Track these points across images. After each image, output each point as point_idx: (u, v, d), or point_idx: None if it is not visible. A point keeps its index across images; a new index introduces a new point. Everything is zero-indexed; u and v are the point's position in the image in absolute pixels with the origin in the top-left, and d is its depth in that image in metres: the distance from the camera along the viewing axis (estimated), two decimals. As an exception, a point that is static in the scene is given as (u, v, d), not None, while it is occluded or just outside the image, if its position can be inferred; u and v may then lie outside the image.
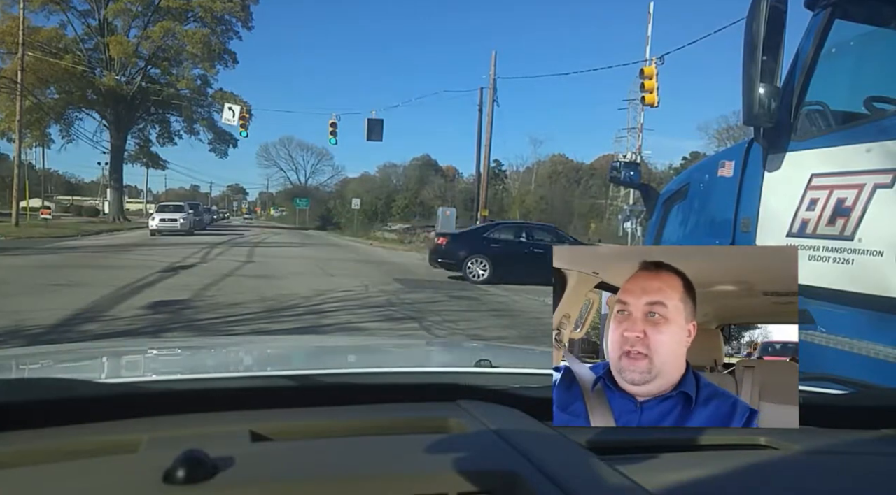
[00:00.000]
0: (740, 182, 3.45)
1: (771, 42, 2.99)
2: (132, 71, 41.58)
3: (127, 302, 8.16)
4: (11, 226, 25.34)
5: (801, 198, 3.01)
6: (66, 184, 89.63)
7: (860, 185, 2.73)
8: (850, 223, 2.74)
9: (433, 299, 9.09)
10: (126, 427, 0.85)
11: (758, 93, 3.02)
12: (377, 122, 25.03)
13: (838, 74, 3.25)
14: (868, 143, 2.75)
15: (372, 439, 0.87)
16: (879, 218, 2.63)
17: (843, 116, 3.15)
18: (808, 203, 2.97)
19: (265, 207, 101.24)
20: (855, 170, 2.77)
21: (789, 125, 3.18)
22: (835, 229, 2.80)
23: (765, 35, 2.99)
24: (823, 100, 3.15)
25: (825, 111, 3.15)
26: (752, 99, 3.04)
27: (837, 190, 2.83)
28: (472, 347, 3.00)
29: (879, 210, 2.63)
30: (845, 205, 2.77)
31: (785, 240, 3.09)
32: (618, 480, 0.72)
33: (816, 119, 3.17)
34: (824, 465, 0.93)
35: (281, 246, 25.06)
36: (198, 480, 0.68)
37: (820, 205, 2.90)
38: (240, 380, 1.23)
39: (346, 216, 46.91)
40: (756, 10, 3.01)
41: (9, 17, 33.35)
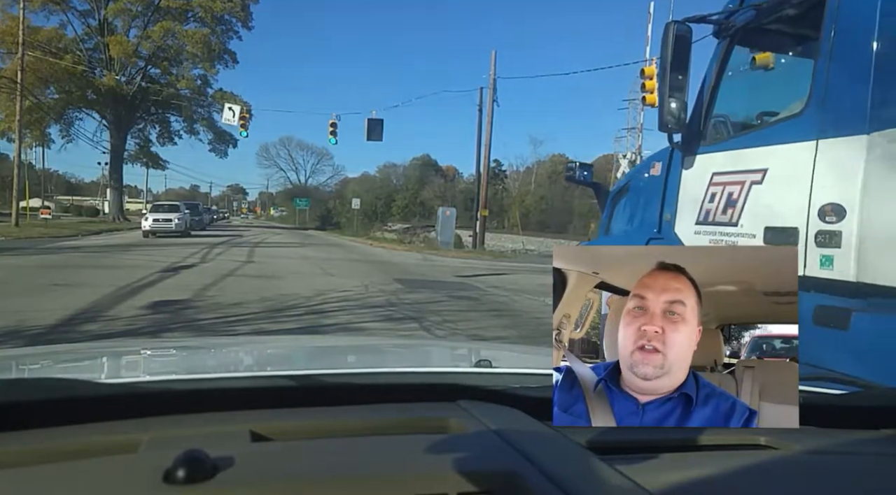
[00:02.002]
0: (665, 180, 4.08)
1: (677, 64, 3.61)
2: (132, 71, 41.58)
3: (127, 302, 8.16)
4: (11, 226, 25.34)
5: (705, 192, 3.67)
6: (66, 184, 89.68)
7: (742, 182, 3.41)
8: (735, 212, 3.43)
9: (433, 299, 9.08)
10: (126, 427, 0.85)
11: (668, 105, 3.63)
12: (377, 121, 25.05)
13: (737, 91, 3.91)
14: (748, 149, 3.43)
15: (372, 439, 0.87)
16: (753, 208, 3.33)
17: (739, 126, 3.81)
18: (709, 197, 3.63)
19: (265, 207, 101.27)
20: (739, 169, 3.46)
21: (700, 132, 3.81)
22: (726, 217, 3.49)
23: (672, 59, 3.61)
24: (726, 112, 3.83)
25: (727, 121, 3.83)
26: (663, 110, 3.65)
27: (728, 186, 3.51)
28: (472, 347, 3.00)
29: (753, 202, 3.33)
30: (733, 198, 3.45)
31: (693, 228, 3.75)
32: (618, 480, 0.72)
33: (720, 127, 3.83)
34: (824, 465, 0.93)
35: (281, 246, 25.06)
36: (198, 480, 0.68)
37: (717, 198, 3.57)
38: (240, 380, 1.23)
39: (346, 216, 46.91)
40: (665, 37, 3.61)
41: (9, 17, 33.34)
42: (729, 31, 3.71)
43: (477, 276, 14.98)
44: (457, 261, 20.70)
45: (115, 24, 41.01)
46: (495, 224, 43.35)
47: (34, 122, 37.16)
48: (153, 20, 40.62)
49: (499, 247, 30.56)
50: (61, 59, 36.30)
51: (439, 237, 27.79)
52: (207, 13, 40.39)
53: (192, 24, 41.80)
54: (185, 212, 29.52)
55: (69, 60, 37.06)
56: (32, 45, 31.79)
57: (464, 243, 29.30)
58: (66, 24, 40.00)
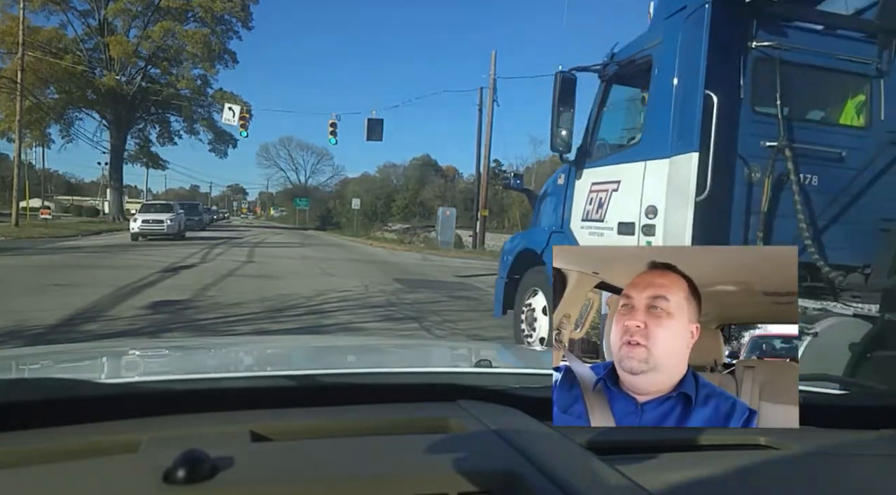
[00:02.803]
0: (565, 188, 5.32)
1: (564, 103, 4.86)
2: (132, 71, 41.56)
3: (127, 302, 8.15)
4: (11, 226, 25.33)
5: (587, 198, 4.95)
6: (66, 184, 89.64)
7: (607, 189, 4.68)
8: (602, 212, 4.71)
9: (433, 299, 9.08)
10: (126, 427, 0.85)
11: (557, 133, 4.88)
12: (377, 121, 25.01)
13: (611, 121, 5.13)
14: (612, 165, 4.72)
15: (372, 439, 0.87)
16: (612, 208, 4.59)
17: (610, 148, 5.04)
18: (589, 201, 4.91)
19: (265, 207, 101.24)
20: (606, 181, 4.73)
21: (587, 151, 5.13)
22: (598, 216, 4.76)
23: (559, 99, 4.85)
24: (604, 136, 5.12)
25: (604, 144, 5.09)
26: (553, 137, 4.89)
27: (600, 192, 4.78)
28: (472, 347, 3.00)
29: (612, 204, 4.60)
30: (602, 202, 4.73)
31: (580, 224, 5.01)
32: (618, 480, 0.72)
33: (600, 148, 5.08)
34: (824, 465, 0.93)
35: (281, 246, 25.06)
36: (198, 480, 0.68)
37: (594, 202, 4.85)
38: (240, 380, 1.23)
39: (346, 216, 46.90)
40: (554, 83, 4.86)
41: (9, 17, 33.34)
42: (603, 78, 5.04)
43: (477, 276, 14.99)
44: (457, 261, 20.70)
45: (115, 24, 41.03)
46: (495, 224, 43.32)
47: (34, 121, 37.15)
48: (153, 20, 40.62)
49: (499, 247, 30.45)
50: (61, 59, 36.29)
51: (439, 237, 27.80)
52: (207, 13, 40.38)
53: (192, 24, 41.83)
54: (178, 213, 26.61)
55: (69, 60, 37.05)
56: (32, 45, 31.78)
57: (464, 243, 29.29)
58: (66, 24, 40.05)
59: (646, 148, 4.25)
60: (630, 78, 4.82)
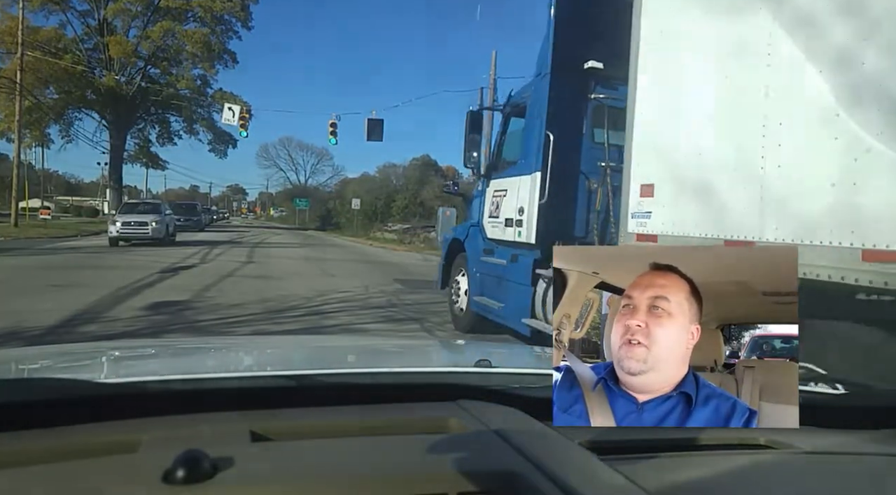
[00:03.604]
0: (481, 194, 6.97)
1: (472, 131, 7.06)
2: (132, 71, 41.51)
3: (126, 303, 8.15)
4: (11, 227, 25.33)
5: (491, 201, 6.58)
6: (66, 185, 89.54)
7: (502, 195, 6.32)
8: (498, 211, 6.35)
9: (434, 300, 9.06)
10: (126, 427, 0.85)
11: (469, 154, 6.98)
12: (377, 121, 24.98)
13: (509, 144, 6.69)
14: (504, 178, 6.38)
15: (372, 439, 0.87)
16: (503, 208, 6.24)
17: (509, 164, 6.50)
18: (492, 203, 6.56)
19: (265, 207, 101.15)
20: (500, 189, 6.39)
21: (495, 166, 6.86)
22: (496, 214, 6.40)
23: (469, 130, 7.02)
24: (505, 156, 6.74)
25: (505, 161, 6.65)
26: (465, 156, 7.01)
27: (497, 198, 6.43)
28: (472, 347, 3.00)
29: (503, 205, 6.26)
30: (498, 204, 6.38)
31: (487, 220, 6.67)
32: (618, 480, 0.72)
33: (502, 165, 6.73)
34: (824, 465, 0.93)
35: (281, 246, 25.06)
36: (198, 480, 0.68)
37: (494, 204, 6.48)
38: (240, 380, 1.23)
39: (346, 216, 46.83)
40: (465, 118, 7.03)
41: (8, 17, 33.31)
42: (503, 113, 7.00)
43: (477, 277, 14.94)
44: (457, 262, 20.64)
45: (115, 24, 40.95)
46: (495, 224, 43.23)
47: (34, 122, 37.10)
48: (153, 20, 40.58)
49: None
50: (61, 59, 36.26)
51: (439, 237, 27.77)
52: (207, 13, 40.35)
53: (192, 24, 41.77)
54: (165, 214, 22.59)
55: (69, 60, 37.02)
56: (32, 45, 31.76)
57: (464, 243, 29.24)
58: (65, 24, 39.97)
59: (521, 167, 6.02)
60: (520, 114, 6.48)
